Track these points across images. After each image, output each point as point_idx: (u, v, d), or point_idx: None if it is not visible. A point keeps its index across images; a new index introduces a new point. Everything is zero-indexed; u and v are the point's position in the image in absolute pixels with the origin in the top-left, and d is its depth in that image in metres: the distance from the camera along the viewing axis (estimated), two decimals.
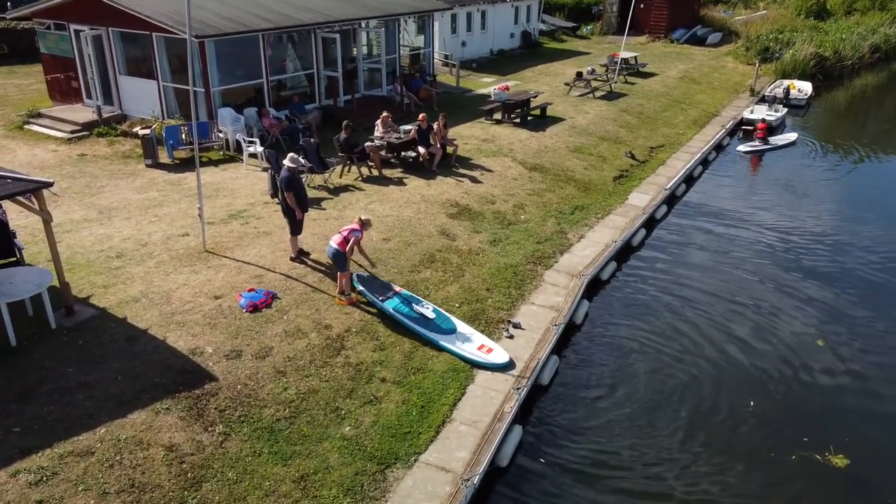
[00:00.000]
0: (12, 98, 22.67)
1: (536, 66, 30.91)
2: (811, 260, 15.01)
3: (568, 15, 42.96)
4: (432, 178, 16.45)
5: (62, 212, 13.71)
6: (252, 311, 10.34)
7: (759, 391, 10.69)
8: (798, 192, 19.23)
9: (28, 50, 27.76)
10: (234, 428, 8.30)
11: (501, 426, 9.14)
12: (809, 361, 11.41)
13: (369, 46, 24.05)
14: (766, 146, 22.70)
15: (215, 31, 17.26)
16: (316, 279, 11.46)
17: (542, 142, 19.88)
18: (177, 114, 18.89)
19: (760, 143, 22.68)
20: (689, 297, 13.32)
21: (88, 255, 11.76)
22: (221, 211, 13.94)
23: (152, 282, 10.95)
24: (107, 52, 19.50)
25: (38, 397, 8.24)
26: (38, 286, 9.22)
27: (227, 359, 9.32)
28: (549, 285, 12.78)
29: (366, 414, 8.93)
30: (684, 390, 10.66)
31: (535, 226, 14.84)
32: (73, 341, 9.27)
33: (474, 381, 9.93)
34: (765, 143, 22.70)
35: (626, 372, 11.13)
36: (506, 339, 11.00)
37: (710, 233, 16.38)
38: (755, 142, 22.78)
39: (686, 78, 30.18)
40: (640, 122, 23.23)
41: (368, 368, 9.70)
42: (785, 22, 40.35)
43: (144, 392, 8.50)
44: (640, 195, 17.46)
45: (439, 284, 12.03)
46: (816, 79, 31.90)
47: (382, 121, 17.56)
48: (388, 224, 13.73)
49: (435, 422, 9.03)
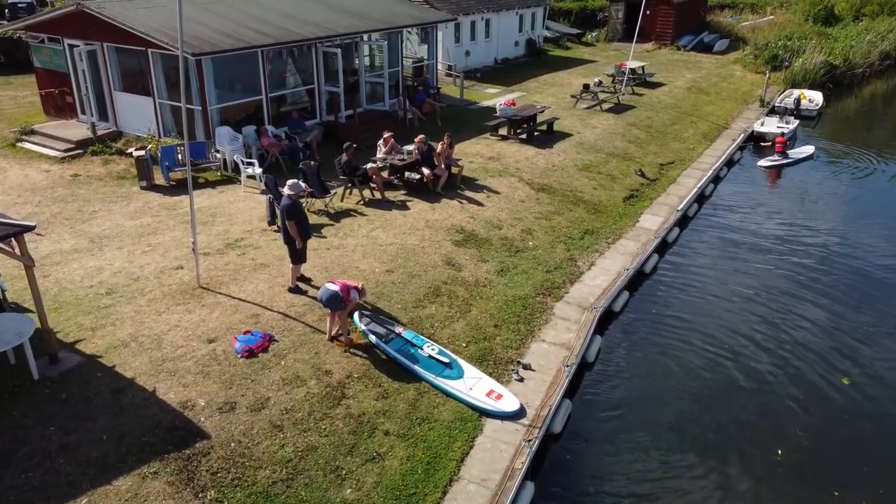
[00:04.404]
0: (7, 111, 22.16)
1: (541, 76, 30.34)
2: (837, 283, 14.40)
3: (573, 21, 42.35)
4: (437, 200, 15.88)
5: (51, 241, 13.18)
6: (248, 356, 9.78)
7: (787, 438, 10.10)
8: (819, 208, 18.64)
9: (25, 60, 27.18)
10: (227, 494, 7.73)
11: (513, 485, 8.57)
12: (835, 403, 10.83)
13: (371, 59, 23.48)
14: (785, 160, 22.12)
15: (213, 48, 16.69)
16: (315, 318, 10.89)
17: (550, 159, 19.30)
18: (173, 132, 18.33)
19: (780, 157, 22.10)
20: (707, 331, 12.73)
21: (77, 292, 11.21)
22: (217, 240, 13.37)
23: (143, 322, 10.39)
24: (101, 68, 18.97)
25: (16, 462, 7.67)
26: (18, 336, 8.67)
27: (221, 412, 8.75)
28: (560, 319, 12.20)
29: (368, 473, 8.36)
30: (707, 441, 10.07)
31: (544, 253, 14.26)
32: (56, 395, 8.71)
33: (483, 432, 9.36)
34: (784, 157, 22.12)
35: (643, 418, 10.54)
36: (515, 382, 10.43)
37: (728, 255, 15.80)
38: (775, 156, 22.20)
39: (694, 88, 29.59)
40: (649, 137, 22.64)
41: (371, 420, 9.13)
42: (793, 27, 39.70)
43: (130, 454, 7.93)
44: (651, 217, 16.87)
45: (445, 321, 11.45)
46: (826, 88, 31.30)
47: (385, 141, 17.00)
48: (391, 254, 13.16)
49: (442, 481, 8.46)
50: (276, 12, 20.41)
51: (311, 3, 22.30)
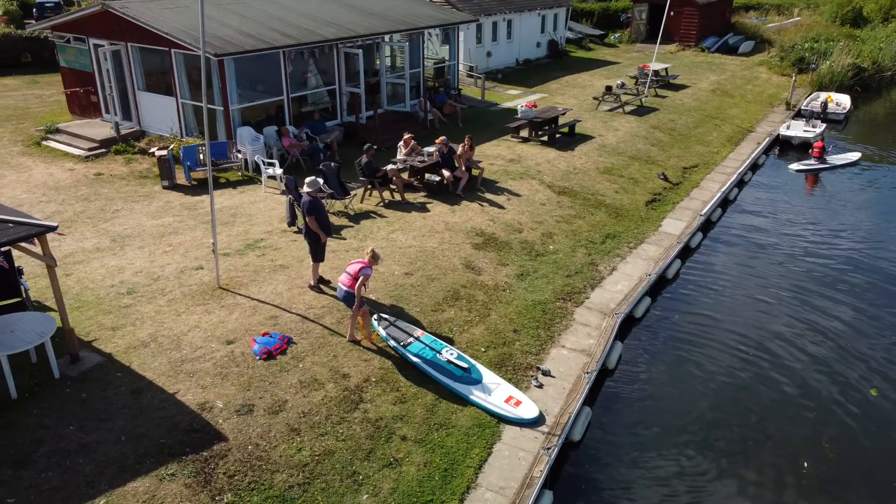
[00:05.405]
0: (33, 110, 22.43)
1: (563, 78, 30.12)
2: (866, 293, 14.06)
3: (595, 22, 42.03)
4: (457, 203, 15.79)
5: (74, 239, 13.28)
6: (266, 358, 9.76)
7: (813, 451, 9.87)
8: (849, 213, 18.24)
9: (51, 59, 27.54)
10: (244, 497, 7.69)
11: (531, 494, 8.45)
12: (863, 415, 10.56)
13: (392, 60, 23.45)
14: (822, 165, 21.67)
15: (235, 49, 16.75)
16: (334, 320, 10.85)
17: (571, 162, 19.13)
18: (195, 132, 18.43)
19: (816, 162, 21.66)
20: (730, 339, 12.51)
21: (98, 291, 11.27)
22: (237, 240, 13.39)
23: (163, 323, 10.42)
24: (125, 68, 19.11)
25: (35, 461, 7.71)
26: (40, 335, 8.71)
27: (238, 414, 8.73)
28: (580, 325, 12.05)
29: (385, 479, 8.29)
30: (730, 451, 9.88)
31: (565, 257, 14.11)
32: (76, 394, 8.75)
33: (501, 439, 9.25)
34: (821, 162, 21.66)
35: (664, 426, 10.36)
36: (534, 388, 10.30)
37: (752, 262, 15.52)
38: (811, 160, 21.77)
39: (719, 90, 29.20)
40: (673, 140, 22.36)
41: (388, 425, 9.06)
42: (819, 29, 39.07)
43: (148, 455, 7.94)
44: (674, 221, 16.64)
45: (464, 326, 11.35)
46: (854, 91, 30.73)
47: (405, 143, 16.94)
48: (411, 256, 13.09)
49: (459, 488, 8.37)
50: (297, 13, 20.45)
51: (333, 3, 22.32)
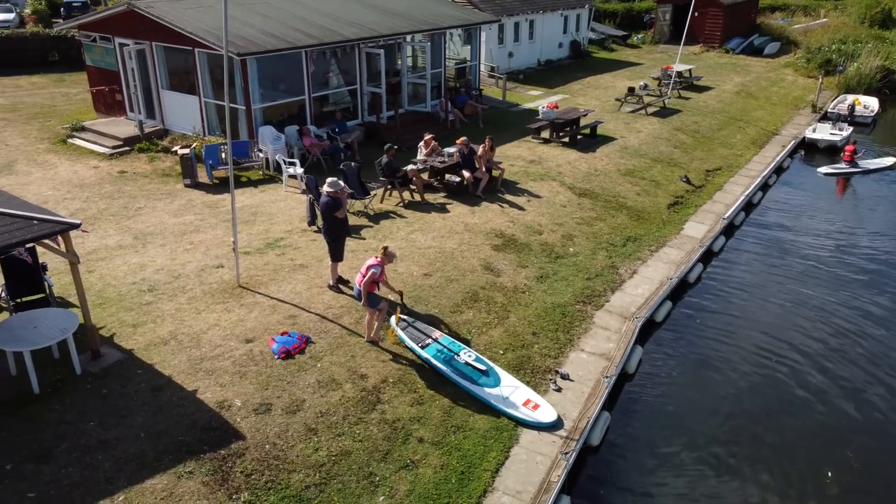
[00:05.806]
0: (59, 108, 22.73)
1: (585, 78, 29.94)
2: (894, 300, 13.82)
3: (618, 23, 41.72)
4: (476, 204, 15.74)
5: (98, 236, 13.42)
6: (284, 357, 9.78)
7: (837, 460, 9.69)
8: (878, 219, 17.89)
9: (77, 58, 27.92)
10: (261, 496, 7.71)
11: (548, 498, 8.38)
12: (889, 425, 10.35)
13: (414, 60, 23.45)
14: (854, 169, 21.31)
15: (258, 48, 16.84)
16: (352, 320, 10.85)
17: (592, 164, 18.99)
18: (218, 130, 18.56)
19: (847, 166, 21.30)
20: (752, 344, 12.33)
21: (120, 288, 11.38)
22: (258, 239, 13.46)
23: (183, 321, 10.49)
24: (150, 67, 19.31)
25: (56, 457, 7.79)
26: (62, 332, 8.80)
27: (256, 413, 8.76)
28: (600, 329, 11.94)
29: (401, 481, 8.26)
30: (751, 458, 9.72)
31: (585, 259, 14.00)
32: (96, 390, 8.83)
33: (519, 443, 9.18)
34: (853, 167, 21.29)
35: (683, 432, 10.23)
36: (553, 392, 10.22)
37: (776, 266, 15.29)
38: (841, 164, 21.41)
39: (743, 92, 28.84)
40: (696, 142, 22.11)
41: (405, 426, 9.03)
42: (847, 31, 38.41)
43: (167, 452, 7.99)
44: (696, 225, 16.45)
45: (482, 328, 11.30)
46: (883, 93, 30.18)
47: (426, 143, 16.92)
48: (430, 257, 13.07)
49: (476, 492, 8.32)
50: (320, 13, 20.52)
51: (356, 3, 22.36)
